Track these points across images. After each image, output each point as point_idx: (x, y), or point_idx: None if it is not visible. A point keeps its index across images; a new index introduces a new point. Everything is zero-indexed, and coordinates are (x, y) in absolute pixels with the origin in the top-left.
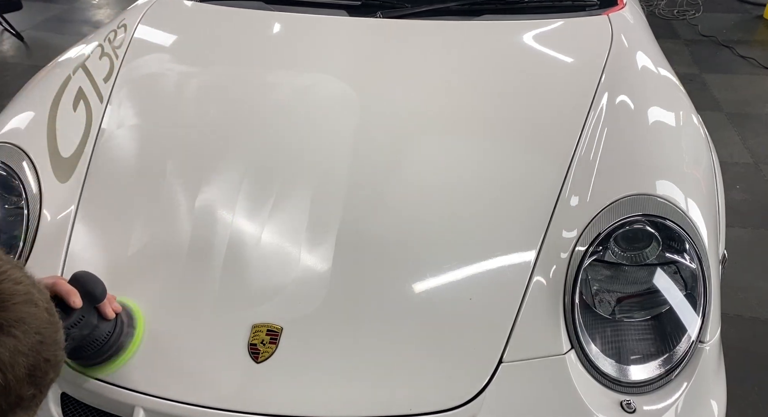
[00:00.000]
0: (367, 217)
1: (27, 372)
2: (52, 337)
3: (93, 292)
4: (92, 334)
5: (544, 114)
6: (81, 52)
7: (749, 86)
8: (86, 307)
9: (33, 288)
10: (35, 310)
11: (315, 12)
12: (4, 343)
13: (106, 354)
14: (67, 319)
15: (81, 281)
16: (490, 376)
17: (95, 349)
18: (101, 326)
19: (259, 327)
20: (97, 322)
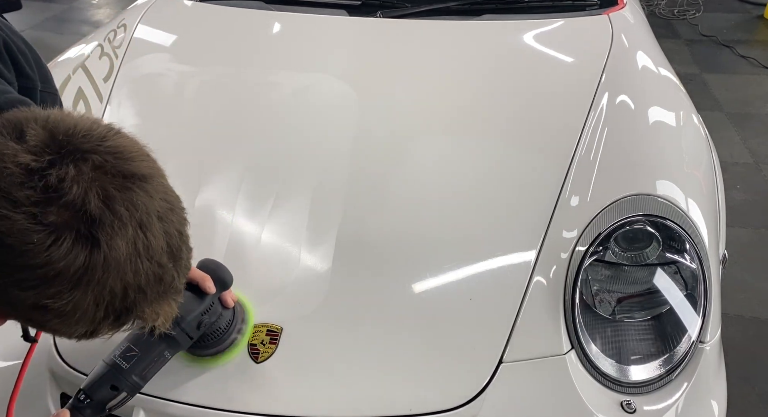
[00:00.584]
0: (367, 217)
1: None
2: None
3: (224, 278)
4: (216, 323)
5: (544, 114)
6: (81, 51)
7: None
8: (216, 294)
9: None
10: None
11: (315, 12)
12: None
13: (223, 344)
14: (201, 305)
15: (211, 268)
16: (491, 376)
17: (215, 338)
18: (224, 315)
19: (259, 327)
20: (221, 311)
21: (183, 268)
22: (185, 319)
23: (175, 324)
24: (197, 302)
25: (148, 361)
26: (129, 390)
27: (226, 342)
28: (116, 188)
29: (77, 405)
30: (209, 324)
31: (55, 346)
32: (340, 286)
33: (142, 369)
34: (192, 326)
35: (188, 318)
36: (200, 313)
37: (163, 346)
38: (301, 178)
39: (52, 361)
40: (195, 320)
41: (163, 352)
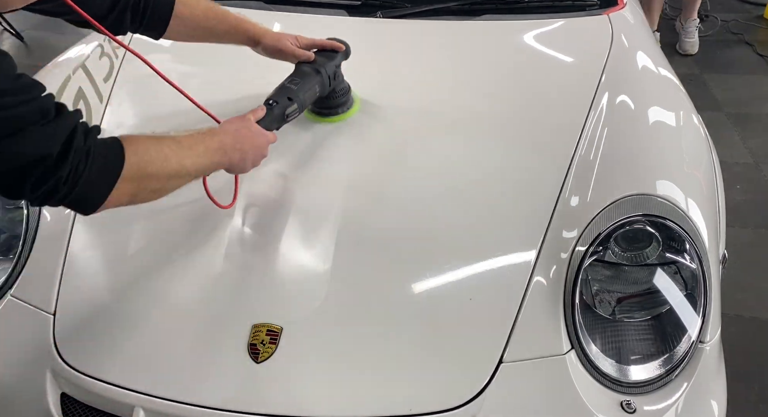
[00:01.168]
0: (367, 217)
1: None
2: None
3: (347, 47)
4: (341, 83)
5: (544, 114)
6: (81, 52)
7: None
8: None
9: None
10: None
11: (315, 12)
12: None
13: (339, 108)
14: (336, 58)
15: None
16: (490, 376)
17: (337, 97)
18: (344, 81)
19: (259, 327)
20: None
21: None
22: (329, 63)
23: (323, 67)
24: (333, 55)
25: (306, 88)
26: (299, 102)
27: (341, 106)
28: None
29: (269, 105)
30: (339, 81)
31: (56, 346)
32: (340, 286)
33: (304, 92)
34: (332, 71)
35: (331, 63)
36: (335, 65)
37: (316, 79)
38: (301, 177)
39: (53, 361)
40: (333, 68)
41: (315, 85)
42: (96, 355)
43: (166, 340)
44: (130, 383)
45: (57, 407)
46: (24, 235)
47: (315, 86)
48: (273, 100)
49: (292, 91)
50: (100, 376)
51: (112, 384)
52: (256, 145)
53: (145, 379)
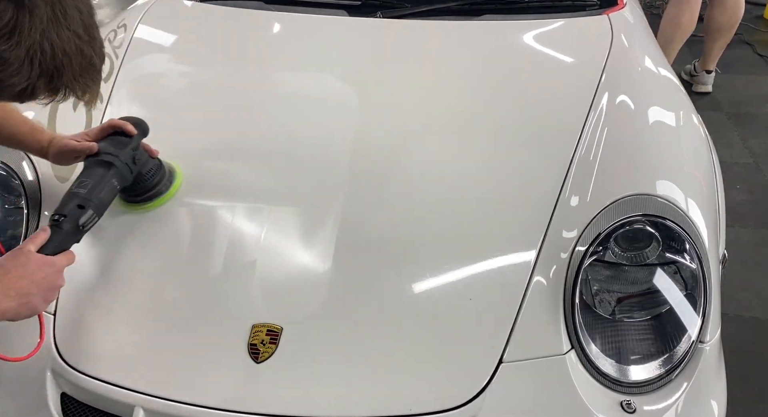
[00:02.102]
0: (367, 217)
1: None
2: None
3: (142, 125)
4: (147, 164)
5: (544, 114)
6: None
7: (749, 86)
8: (139, 137)
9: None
10: None
11: (315, 12)
12: None
13: (153, 191)
14: (131, 142)
15: (128, 119)
16: (490, 376)
17: (146, 181)
18: (150, 161)
19: (259, 327)
20: (148, 157)
21: (99, 49)
22: (121, 151)
23: (113, 156)
24: (126, 141)
25: (102, 186)
26: (94, 208)
27: (155, 189)
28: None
29: (54, 223)
30: (141, 163)
31: (56, 346)
32: (340, 286)
33: (99, 191)
34: (128, 158)
35: (123, 150)
36: (132, 149)
37: (109, 174)
38: (300, 178)
39: (53, 361)
40: (129, 154)
41: (111, 179)
42: (96, 355)
43: (167, 340)
44: (130, 383)
45: (57, 407)
46: (24, 235)
47: (111, 180)
48: (59, 214)
49: (81, 196)
50: (100, 376)
51: (112, 384)
52: (39, 280)
53: (145, 379)
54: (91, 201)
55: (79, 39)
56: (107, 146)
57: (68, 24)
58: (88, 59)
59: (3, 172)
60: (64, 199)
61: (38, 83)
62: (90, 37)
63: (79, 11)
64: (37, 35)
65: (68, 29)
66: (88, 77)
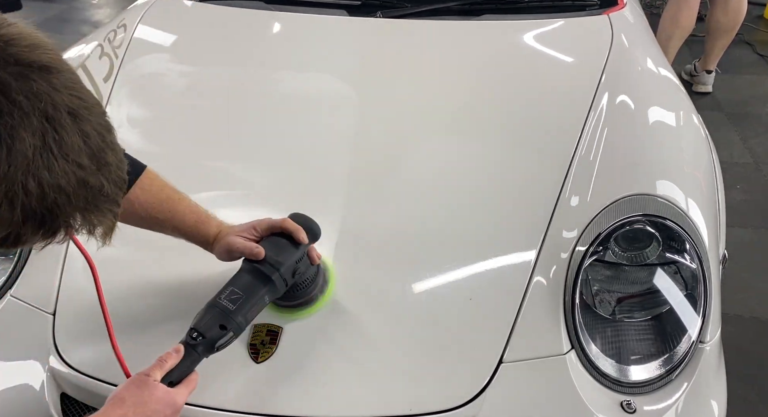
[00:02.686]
0: (366, 217)
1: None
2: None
3: (314, 230)
4: (306, 273)
5: (544, 114)
6: (81, 52)
7: (749, 86)
8: (306, 248)
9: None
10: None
11: (315, 12)
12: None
13: (307, 297)
14: (296, 253)
15: (302, 220)
16: (490, 376)
17: (302, 289)
18: (311, 269)
19: (259, 327)
20: (309, 264)
21: (113, 175)
22: (284, 264)
23: (274, 269)
24: (293, 250)
25: (251, 303)
26: (235, 330)
27: (310, 295)
28: (12, 76)
29: (191, 342)
30: (302, 273)
31: (56, 346)
32: (339, 287)
33: (246, 310)
34: (288, 273)
35: (286, 264)
36: (295, 261)
37: (263, 289)
38: (300, 178)
39: (53, 361)
40: (291, 267)
41: (264, 295)
42: (96, 355)
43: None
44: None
45: (57, 407)
46: None
47: (264, 297)
48: (198, 332)
49: (227, 315)
50: (100, 376)
51: (112, 384)
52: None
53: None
54: (235, 321)
55: (81, 169)
56: (271, 252)
57: (66, 154)
58: (97, 190)
59: None
60: (209, 311)
61: (24, 229)
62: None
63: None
64: (18, 174)
65: (66, 160)
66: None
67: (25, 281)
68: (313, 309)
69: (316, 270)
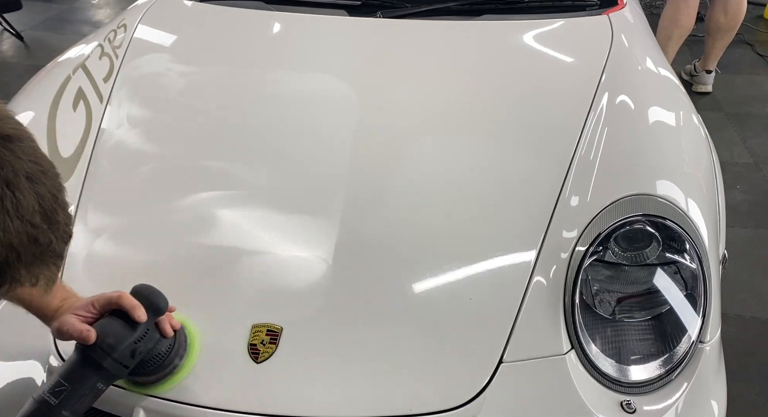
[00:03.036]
0: (366, 217)
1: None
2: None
3: (157, 305)
4: (154, 349)
5: (544, 114)
6: (81, 52)
7: (749, 86)
8: (150, 321)
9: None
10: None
11: (315, 12)
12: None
13: (166, 370)
14: (133, 334)
15: (144, 294)
16: (490, 376)
17: (155, 364)
18: (163, 341)
19: (259, 327)
20: (159, 337)
21: (62, 232)
22: (117, 348)
23: (106, 354)
24: (129, 331)
25: (80, 395)
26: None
27: (168, 368)
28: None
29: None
30: (145, 351)
31: (56, 346)
32: (340, 286)
33: (74, 403)
34: (125, 355)
35: (120, 347)
36: (133, 342)
37: (95, 378)
38: (301, 178)
39: (52, 361)
40: (128, 349)
41: (96, 383)
42: None
43: None
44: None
45: None
46: None
47: (96, 385)
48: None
49: (49, 409)
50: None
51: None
52: None
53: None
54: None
55: (33, 228)
56: (105, 334)
57: (21, 215)
58: (45, 246)
59: None
60: (29, 408)
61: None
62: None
63: (39, 197)
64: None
65: (20, 220)
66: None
67: None
68: (178, 377)
69: (173, 340)
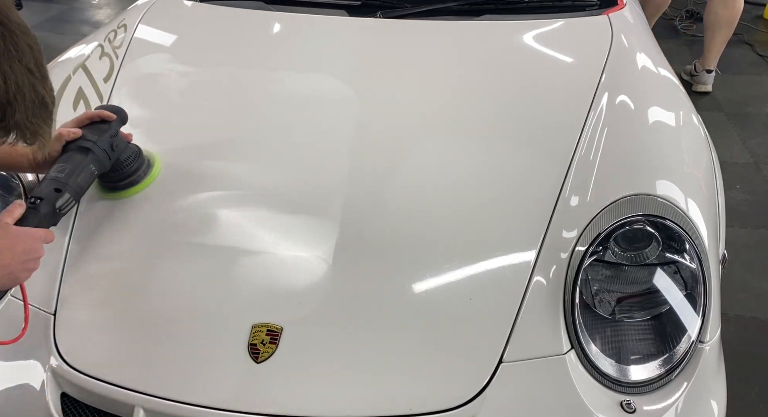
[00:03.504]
0: (367, 217)
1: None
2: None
3: (120, 113)
4: (124, 153)
5: (544, 114)
6: (81, 52)
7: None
8: (118, 125)
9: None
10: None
11: (315, 12)
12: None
13: (130, 178)
14: (108, 129)
15: (106, 108)
16: (490, 376)
17: (125, 168)
18: (130, 147)
19: (259, 327)
20: (127, 143)
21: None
22: (100, 138)
23: (93, 144)
24: (104, 127)
25: (79, 171)
26: (71, 192)
27: (135, 175)
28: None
29: (31, 205)
30: (121, 148)
31: (56, 346)
32: (340, 286)
33: (77, 176)
34: (107, 144)
35: (102, 137)
36: (110, 136)
37: (87, 160)
38: (300, 177)
39: (53, 361)
40: (107, 141)
41: (89, 164)
42: (96, 355)
43: (166, 340)
44: (130, 383)
45: (57, 407)
46: None
47: (89, 166)
48: (35, 197)
49: (59, 181)
50: (100, 376)
51: (112, 384)
52: (20, 252)
53: (145, 379)
54: (69, 185)
55: (31, 75)
56: (87, 133)
57: (20, 57)
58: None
59: (3, 173)
60: (42, 183)
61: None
62: (42, 75)
63: (30, 47)
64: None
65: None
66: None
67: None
68: (140, 187)
69: (137, 152)
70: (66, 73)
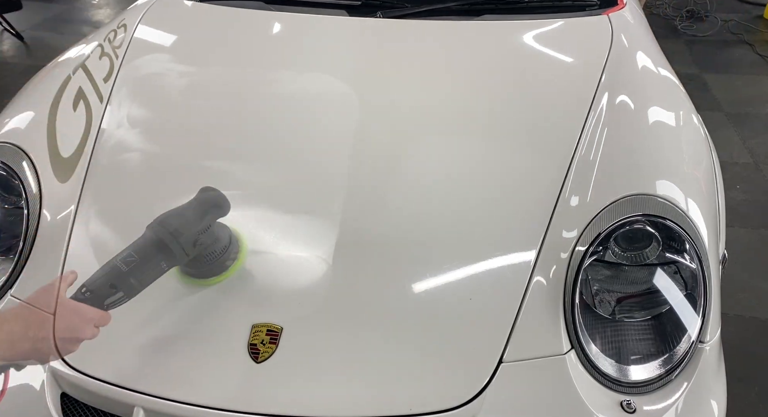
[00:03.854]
0: (367, 217)
1: None
2: None
3: (221, 205)
4: (212, 246)
5: (544, 114)
6: (81, 52)
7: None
8: (213, 219)
9: None
10: None
11: (315, 12)
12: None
13: (216, 267)
14: (199, 225)
15: (211, 194)
16: (490, 376)
17: (210, 260)
18: (220, 240)
19: (259, 327)
20: (218, 236)
21: None
22: (183, 234)
23: (173, 237)
24: (196, 222)
25: (146, 268)
26: (126, 290)
27: (218, 266)
28: None
29: (78, 297)
30: (206, 245)
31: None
32: (340, 286)
33: (140, 274)
34: (189, 242)
35: (186, 234)
36: (198, 233)
37: (160, 256)
38: (300, 177)
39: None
40: (192, 237)
41: (160, 262)
42: (96, 355)
43: (166, 340)
44: (130, 383)
45: (57, 407)
46: (24, 235)
47: (160, 263)
48: (87, 289)
49: (120, 275)
50: (100, 376)
51: (112, 384)
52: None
53: (145, 379)
54: (126, 282)
55: None
56: (176, 221)
57: None
58: None
59: (3, 172)
60: (103, 271)
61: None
62: None
63: None
64: None
65: None
66: None
67: (25, 281)
68: (224, 276)
69: (227, 242)
70: (66, 73)
